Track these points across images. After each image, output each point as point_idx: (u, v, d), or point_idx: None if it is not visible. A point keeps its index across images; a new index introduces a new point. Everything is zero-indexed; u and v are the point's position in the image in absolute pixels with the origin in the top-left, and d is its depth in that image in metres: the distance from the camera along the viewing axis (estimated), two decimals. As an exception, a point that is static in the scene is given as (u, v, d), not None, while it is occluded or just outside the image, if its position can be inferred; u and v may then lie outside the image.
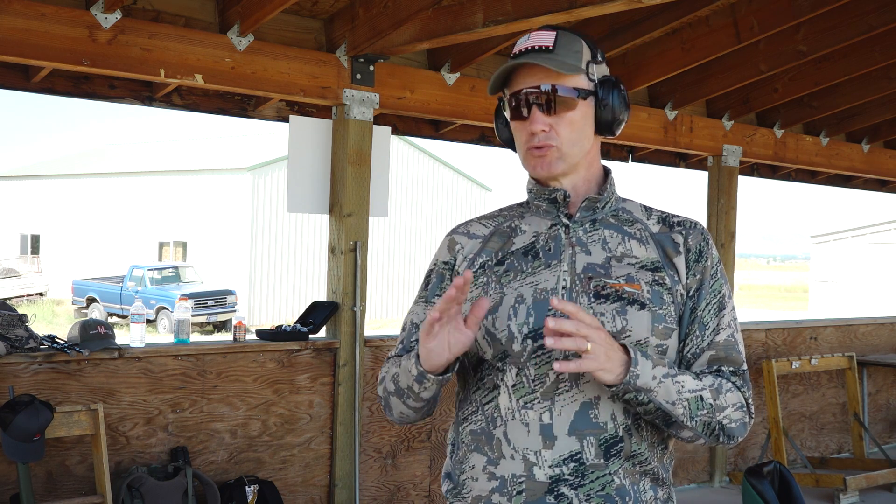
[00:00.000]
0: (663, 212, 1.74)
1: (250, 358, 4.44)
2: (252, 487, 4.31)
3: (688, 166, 7.08)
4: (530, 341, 1.59)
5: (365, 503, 4.80)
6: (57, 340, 3.94)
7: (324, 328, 4.72)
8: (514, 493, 1.59)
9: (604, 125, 1.67)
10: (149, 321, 18.65)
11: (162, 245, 27.24)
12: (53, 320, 21.57)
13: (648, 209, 1.74)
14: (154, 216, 27.13)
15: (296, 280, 24.85)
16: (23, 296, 25.85)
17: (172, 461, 4.17)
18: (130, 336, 4.20)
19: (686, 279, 1.66)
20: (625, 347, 1.54)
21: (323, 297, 5.87)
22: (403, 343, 1.75)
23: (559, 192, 1.67)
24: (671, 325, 1.61)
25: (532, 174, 1.69)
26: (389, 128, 4.99)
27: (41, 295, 27.05)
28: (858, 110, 6.76)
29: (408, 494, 4.97)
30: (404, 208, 26.51)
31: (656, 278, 1.63)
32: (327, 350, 4.65)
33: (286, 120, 4.84)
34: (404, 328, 1.77)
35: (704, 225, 6.40)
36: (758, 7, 4.70)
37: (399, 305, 26.72)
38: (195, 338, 6.84)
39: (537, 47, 1.63)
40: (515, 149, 1.73)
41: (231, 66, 4.24)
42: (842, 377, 7.11)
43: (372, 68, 4.64)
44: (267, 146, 26.34)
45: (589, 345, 1.46)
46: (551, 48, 1.63)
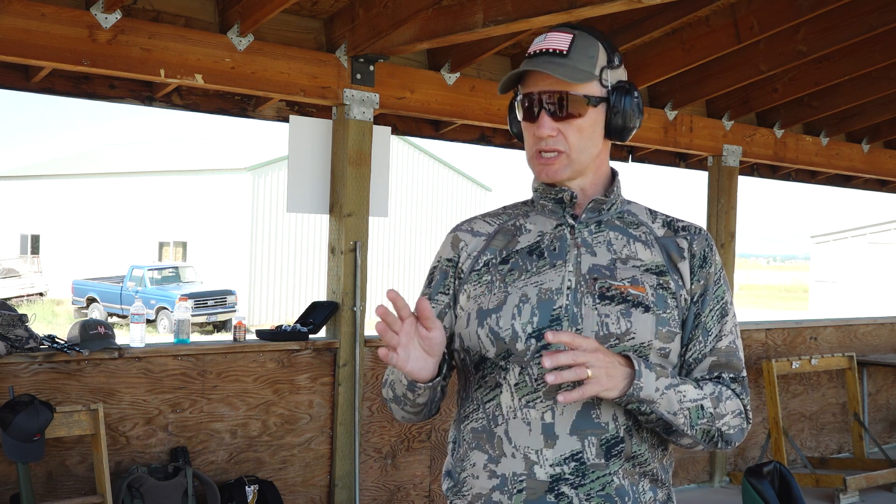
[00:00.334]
0: (668, 216, 1.74)
1: (250, 358, 4.44)
2: (252, 487, 4.31)
3: (688, 166, 7.08)
4: (534, 341, 1.59)
5: (365, 503, 4.80)
6: (57, 340, 3.94)
7: (324, 328, 4.73)
8: (515, 491, 1.59)
9: (614, 131, 1.67)
10: (149, 321, 18.65)
11: (162, 245, 27.24)
12: (53, 320, 21.56)
13: (653, 212, 1.74)
14: (154, 216, 27.12)
15: (296, 280, 24.85)
16: (23, 296, 25.84)
17: (172, 461, 4.17)
18: (130, 336, 4.20)
19: (690, 285, 1.66)
20: (627, 358, 1.54)
21: (323, 297, 5.87)
22: None
23: (566, 193, 1.67)
24: (674, 329, 1.62)
25: (537, 178, 1.69)
26: (389, 128, 4.99)
27: (41, 295, 27.05)
28: (858, 110, 6.75)
29: (408, 494, 4.97)
30: (404, 208, 26.50)
31: (660, 282, 1.63)
32: (327, 350, 4.65)
33: (286, 120, 4.84)
34: None
35: (705, 226, 6.42)
36: (758, 7, 4.70)
37: (399, 305, 26.65)
38: (195, 338, 6.84)
39: (552, 50, 1.61)
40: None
41: (231, 66, 4.24)
42: (842, 377, 7.11)
43: (372, 68, 4.64)
44: (267, 146, 26.34)
45: (589, 371, 1.47)
46: (566, 53, 1.61)
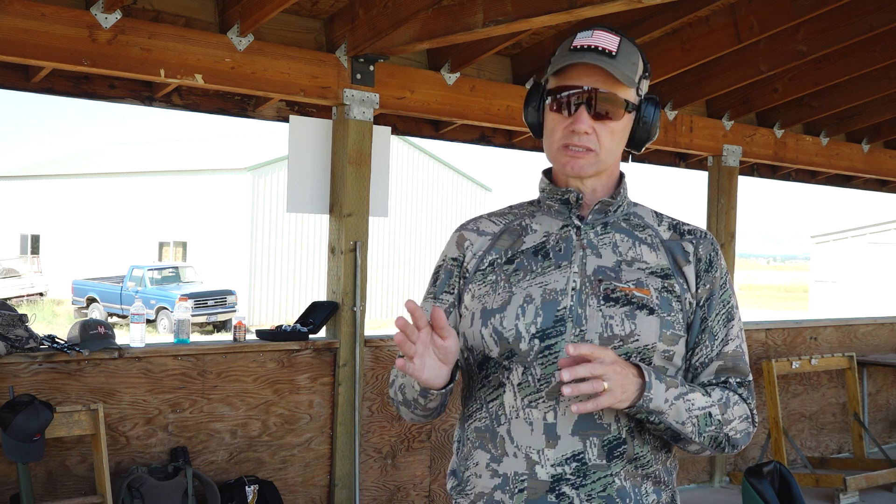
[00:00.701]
0: (674, 219, 1.74)
1: (250, 358, 4.44)
2: (252, 487, 4.31)
3: (688, 166, 7.08)
4: (537, 341, 1.59)
5: (365, 503, 4.80)
6: (57, 340, 3.94)
7: (324, 328, 4.72)
8: (516, 490, 1.59)
9: (636, 141, 1.69)
10: (149, 321, 18.65)
11: (162, 245, 27.24)
12: (53, 320, 21.57)
13: (659, 215, 1.74)
14: (154, 216, 27.13)
15: (296, 280, 24.85)
16: (23, 296, 25.84)
17: (172, 461, 4.17)
18: (130, 336, 4.20)
19: (696, 289, 1.66)
20: (639, 368, 1.54)
21: (323, 297, 5.87)
22: None
23: (572, 194, 1.67)
24: (679, 332, 1.62)
25: (560, 170, 1.67)
26: (389, 128, 4.99)
27: (41, 295, 27.05)
28: (858, 110, 6.75)
29: (408, 494, 4.97)
30: (404, 208, 26.50)
31: (665, 285, 1.64)
32: (327, 350, 4.65)
33: (286, 120, 4.84)
34: None
35: (705, 226, 6.42)
36: (758, 7, 4.70)
37: (399, 305, 26.69)
38: (195, 338, 6.84)
39: (601, 48, 1.60)
40: (541, 136, 1.71)
41: (231, 66, 4.24)
42: (842, 377, 7.11)
43: (372, 68, 4.64)
44: (267, 146, 26.34)
45: (606, 384, 1.47)
46: (614, 54, 1.60)
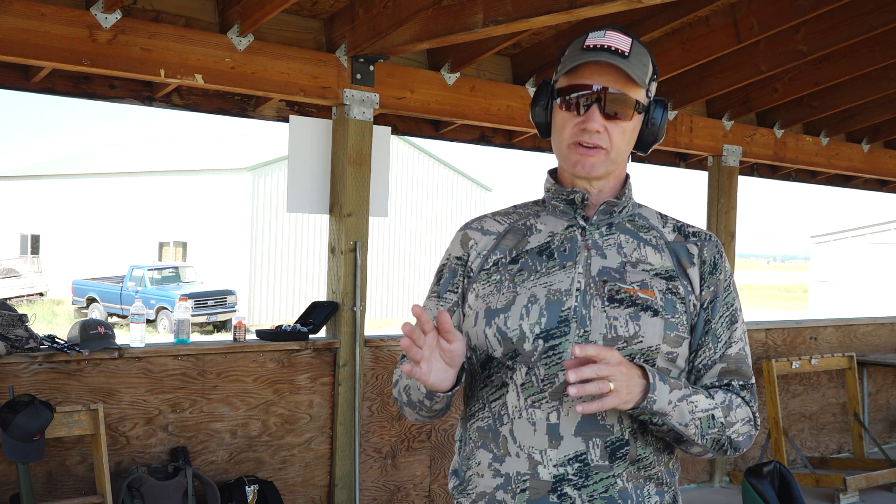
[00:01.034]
0: (678, 221, 1.74)
1: (250, 358, 4.44)
2: (252, 487, 4.32)
3: (688, 166, 7.08)
4: (541, 341, 1.59)
5: (365, 503, 4.80)
6: (57, 340, 3.94)
7: (324, 328, 4.72)
8: (518, 490, 1.59)
9: (644, 142, 1.69)
10: (149, 321, 18.65)
11: (162, 245, 27.24)
12: (53, 320, 21.57)
13: (664, 217, 1.74)
14: (154, 216, 27.13)
15: (296, 280, 24.85)
16: (23, 296, 25.84)
17: (172, 461, 4.17)
18: (130, 336, 4.20)
19: (700, 291, 1.66)
20: (643, 369, 1.54)
21: (323, 297, 5.87)
22: None
23: (577, 194, 1.67)
24: (683, 334, 1.62)
25: (570, 169, 1.66)
26: (389, 128, 4.99)
27: (41, 295, 27.05)
28: (858, 110, 6.75)
29: (408, 494, 4.97)
30: (404, 208, 26.50)
31: (670, 287, 1.64)
32: (327, 350, 4.65)
33: (286, 120, 4.84)
34: None
35: (705, 226, 6.41)
36: (758, 7, 4.70)
37: (399, 305, 26.71)
38: (195, 338, 6.84)
39: (614, 48, 1.60)
40: (548, 135, 1.71)
41: (231, 66, 4.24)
42: (842, 377, 7.11)
43: (372, 68, 4.64)
44: (267, 146, 26.34)
45: (612, 384, 1.47)
46: (627, 55, 1.61)
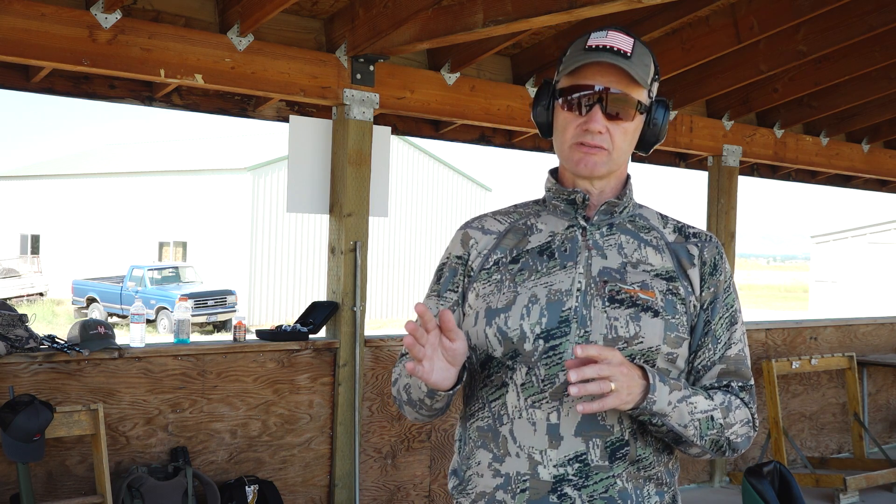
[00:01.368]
0: (679, 221, 1.74)
1: (250, 358, 4.44)
2: (252, 487, 4.32)
3: (688, 166, 7.08)
4: (542, 341, 1.59)
5: (365, 503, 4.80)
6: (57, 340, 3.94)
7: (324, 328, 4.73)
8: (518, 490, 1.59)
9: (646, 142, 1.69)
10: (149, 321, 18.65)
11: (162, 245, 27.24)
12: (53, 320, 21.56)
13: (664, 217, 1.74)
14: (154, 216, 27.13)
15: (296, 280, 24.85)
16: (23, 296, 25.84)
17: (172, 461, 4.17)
18: (130, 336, 4.20)
19: (700, 292, 1.66)
20: (643, 370, 1.54)
21: (323, 297, 5.87)
22: None
23: (578, 194, 1.67)
24: (683, 335, 1.62)
25: (573, 168, 1.66)
26: (389, 128, 4.99)
27: (41, 295, 27.05)
28: (858, 110, 6.76)
29: (408, 494, 4.97)
30: (404, 208, 26.50)
31: (670, 287, 1.64)
32: (327, 350, 4.65)
33: (286, 120, 4.84)
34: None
35: (705, 226, 6.41)
36: (758, 7, 4.70)
37: (399, 305, 26.71)
38: (195, 338, 6.84)
39: (616, 49, 1.60)
40: (549, 135, 1.71)
41: (231, 66, 4.24)
42: (842, 377, 7.11)
43: (372, 68, 4.64)
44: (267, 146, 26.34)
45: (612, 385, 1.47)
46: (629, 55, 1.61)
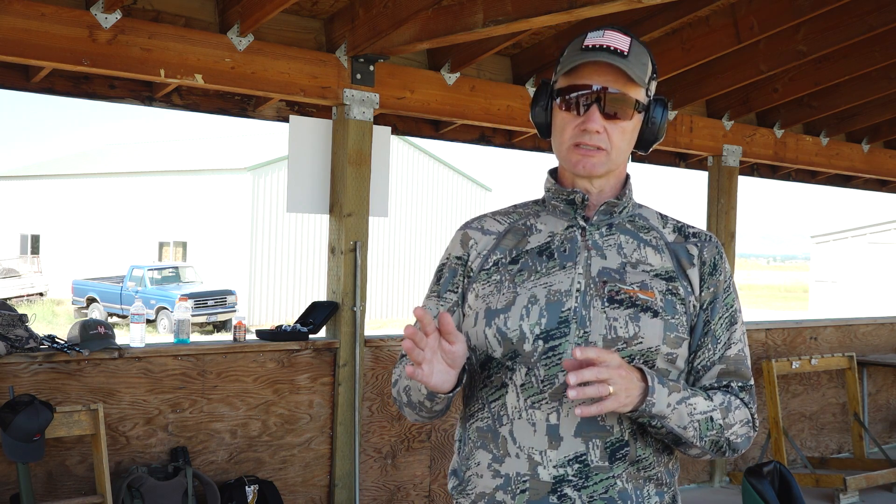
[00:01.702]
0: (679, 221, 1.74)
1: (250, 358, 4.44)
2: (252, 487, 4.32)
3: (688, 166, 7.08)
4: (541, 342, 1.59)
5: (365, 503, 4.80)
6: (57, 340, 3.94)
7: (324, 328, 4.72)
8: (518, 491, 1.59)
9: (644, 141, 1.69)
10: (149, 321, 18.65)
11: (162, 245, 27.24)
12: (53, 320, 21.56)
13: (664, 217, 1.74)
14: (154, 216, 27.13)
15: (296, 280, 24.85)
16: (23, 296, 25.84)
17: (172, 461, 4.17)
18: (130, 336, 4.20)
19: (700, 292, 1.66)
20: (642, 372, 1.54)
21: (323, 297, 5.87)
22: None
23: (578, 194, 1.67)
24: (682, 335, 1.62)
25: (571, 169, 1.66)
26: (389, 128, 4.99)
27: (41, 295, 27.05)
28: (858, 110, 6.76)
29: (408, 494, 4.97)
30: (404, 208, 26.50)
31: (670, 287, 1.64)
32: (327, 350, 4.65)
33: (286, 120, 4.84)
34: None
35: (705, 226, 6.41)
36: (758, 7, 4.70)
37: (399, 305, 26.71)
38: (195, 338, 6.84)
39: (612, 48, 1.60)
40: (548, 135, 1.71)
41: (231, 66, 4.24)
42: (842, 377, 7.11)
43: (372, 68, 4.64)
44: (267, 146, 26.34)
45: (611, 388, 1.46)
46: (626, 54, 1.60)
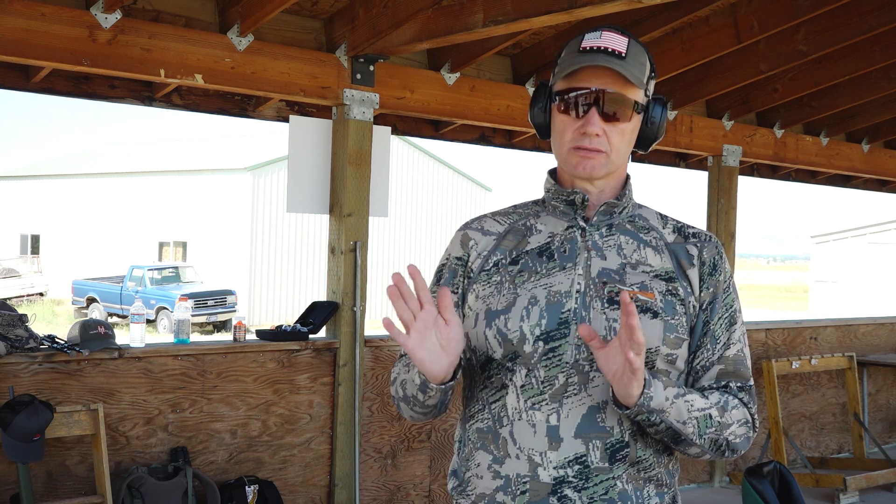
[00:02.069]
0: (679, 221, 1.74)
1: (250, 358, 4.43)
2: (252, 487, 4.31)
3: (688, 166, 7.08)
4: (542, 343, 1.59)
5: (365, 503, 4.80)
6: (57, 340, 3.94)
7: (324, 328, 4.72)
8: (518, 492, 1.59)
9: (644, 141, 1.69)
10: (149, 321, 18.65)
11: (162, 245, 27.24)
12: (53, 320, 21.56)
13: (664, 217, 1.73)
14: (154, 216, 27.13)
15: (296, 280, 24.85)
16: (23, 296, 25.84)
17: (172, 461, 4.17)
18: (130, 336, 4.20)
19: (699, 292, 1.66)
20: None
21: (323, 297, 5.87)
22: None
23: (578, 195, 1.66)
24: (682, 336, 1.62)
25: (571, 171, 1.66)
26: (389, 128, 4.99)
27: (41, 295, 27.05)
28: (858, 110, 6.76)
29: (408, 494, 4.97)
30: (404, 208, 26.50)
31: (670, 288, 1.63)
32: (327, 350, 4.65)
33: (286, 120, 4.84)
34: None
35: (705, 226, 6.41)
36: (758, 7, 4.70)
37: (399, 305, 26.65)
38: (195, 338, 6.84)
39: (610, 50, 1.60)
40: (547, 136, 1.71)
41: (231, 66, 4.24)
42: (842, 377, 7.11)
43: (372, 68, 4.64)
44: (267, 146, 26.34)
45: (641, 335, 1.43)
46: (624, 55, 1.60)
